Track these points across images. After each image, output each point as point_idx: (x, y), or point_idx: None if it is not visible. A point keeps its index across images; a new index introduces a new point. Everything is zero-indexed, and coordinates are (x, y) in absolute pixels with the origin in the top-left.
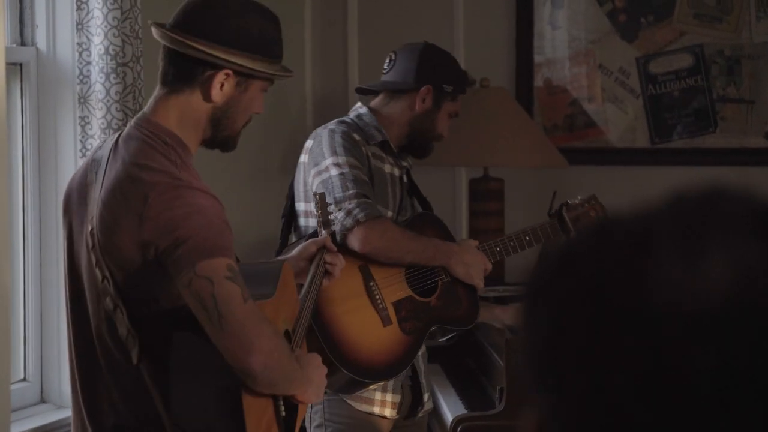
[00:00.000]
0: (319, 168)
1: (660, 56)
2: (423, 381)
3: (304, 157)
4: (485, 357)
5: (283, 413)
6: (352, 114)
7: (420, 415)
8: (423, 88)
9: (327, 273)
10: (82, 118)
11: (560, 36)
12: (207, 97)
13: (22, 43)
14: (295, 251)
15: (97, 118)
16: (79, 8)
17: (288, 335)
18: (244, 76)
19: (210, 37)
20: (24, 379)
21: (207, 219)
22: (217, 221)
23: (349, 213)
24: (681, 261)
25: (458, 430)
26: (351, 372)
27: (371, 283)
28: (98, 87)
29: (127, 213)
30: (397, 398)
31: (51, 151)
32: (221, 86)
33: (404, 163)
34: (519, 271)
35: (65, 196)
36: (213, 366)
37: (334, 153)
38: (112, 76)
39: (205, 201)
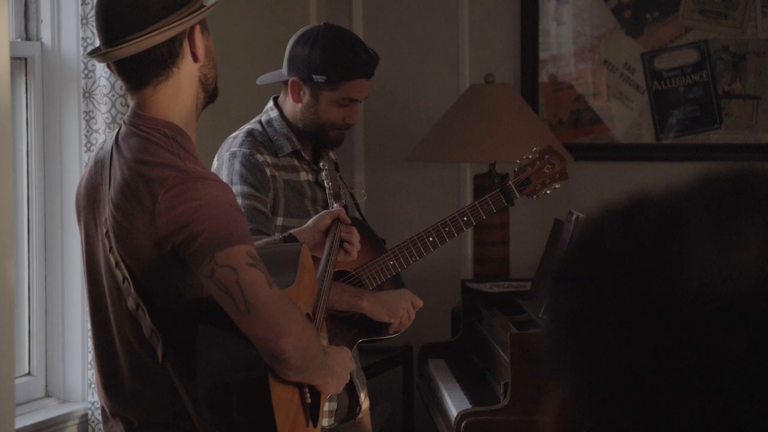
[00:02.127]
0: None
1: (665, 52)
2: (356, 381)
3: None
4: (490, 352)
5: (309, 400)
6: (263, 117)
7: (360, 415)
8: (291, 81)
9: (343, 249)
10: (86, 113)
11: (565, 32)
12: (195, 59)
13: (27, 38)
14: (310, 222)
15: (102, 112)
16: (83, 3)
17: (309, 318)
18: (202, 21)
19: (163, 14)
20: (29, 374)
21: (219, 209)
22: (230, 209)
23: None
24: (713, 243)
25: (463, 425)
26: None
27: None
28: (103, 82)
29: (139, 212)
30: (334, 406)
31: (56, 146)
32: (195, 42)
33: (321, 164)
34: (523, 267)
35: (76, 202)
36: (240, 358)
37: (230, 183)
38: (140, 70)
39: (215, 190)
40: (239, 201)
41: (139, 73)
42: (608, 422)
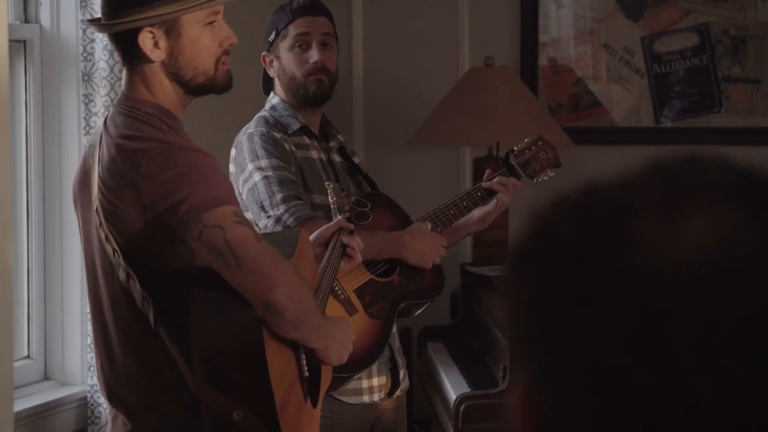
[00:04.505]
0: (244, 176)
1: (665, 35)
2: (398, 359)
3: (231, 167)
4: (488, 336)
5: (306, 374)
6: (267, 106)
7: (398, 393)
8: (262, 59)
9: (347, 256)
10: (85, 96)
11: (565, 15)
12: (149, 60)
13: (26, 20)
14: (311, 238)
15: (101, 95)
16: None
17: None
18: (168, 24)
19: (127, 6)
20: (28, 357)
21: (202, 174)
22: (214, 174)
23: (278, 220)
24: (661, 226)
25: (461, 408)
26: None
27: None
28: (102, 64)
29: (124, 185)
30: (383, 380)
31: (55, 129)
32: (154, 44)
33: (332, 143)
34: None
35: (72, 189)
36: (233, 318)
37: (256, 157)
38: (116, 53)
39: (198, 158)
40: (270, 173)
41: (119, 54)
42: (570, 401)
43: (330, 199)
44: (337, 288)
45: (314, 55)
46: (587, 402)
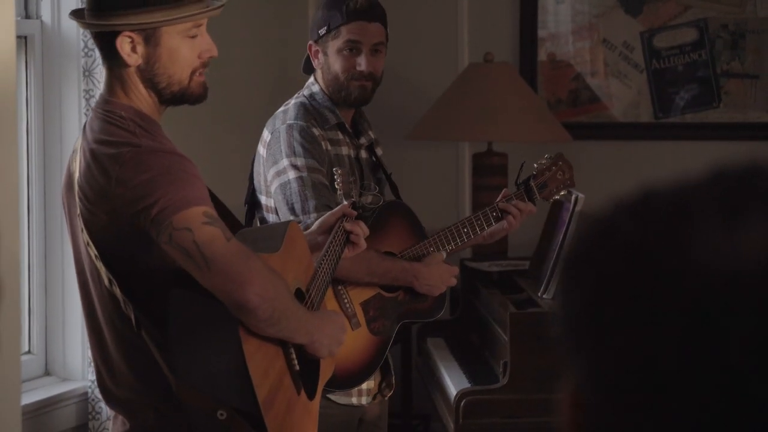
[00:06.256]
0: (277, 168)
1: (664, 30)
2: (391, 361)
3: (262, 150)
4: (489, 332)
5: (297, 367)
6: (305, 92)
7: (389, 395)
8: (308, 48)
9: (351, 243)
10: (86, 92)
11: (564, 10)
12: (126, 64)
13: (27, 16)
14: (314, 226)
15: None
16: None
17: (301, 294)
18: (148, 32)
19: (108, 8)
20: (28, 352)
21: (172, 176)
22: (184, 175)
23: (307, 228)
24: (720, 228)
25: (462, 403)
26: None
27: (339, 287)
28: None
29: (98, 190)
30: (372, 384)
31: (55, 125)
32: (132, 48)
33: (362, 140)
34: (522, 246)
35: (61, 192)
36: (211, 318)
37: (292, 153)
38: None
39: (169, 160)
40: (304, 174)
41: (99, 53)
42: (622, 402)
43: (336, 185)
44: (345, 300)
45: (362, 63)
46: (640, 403)
